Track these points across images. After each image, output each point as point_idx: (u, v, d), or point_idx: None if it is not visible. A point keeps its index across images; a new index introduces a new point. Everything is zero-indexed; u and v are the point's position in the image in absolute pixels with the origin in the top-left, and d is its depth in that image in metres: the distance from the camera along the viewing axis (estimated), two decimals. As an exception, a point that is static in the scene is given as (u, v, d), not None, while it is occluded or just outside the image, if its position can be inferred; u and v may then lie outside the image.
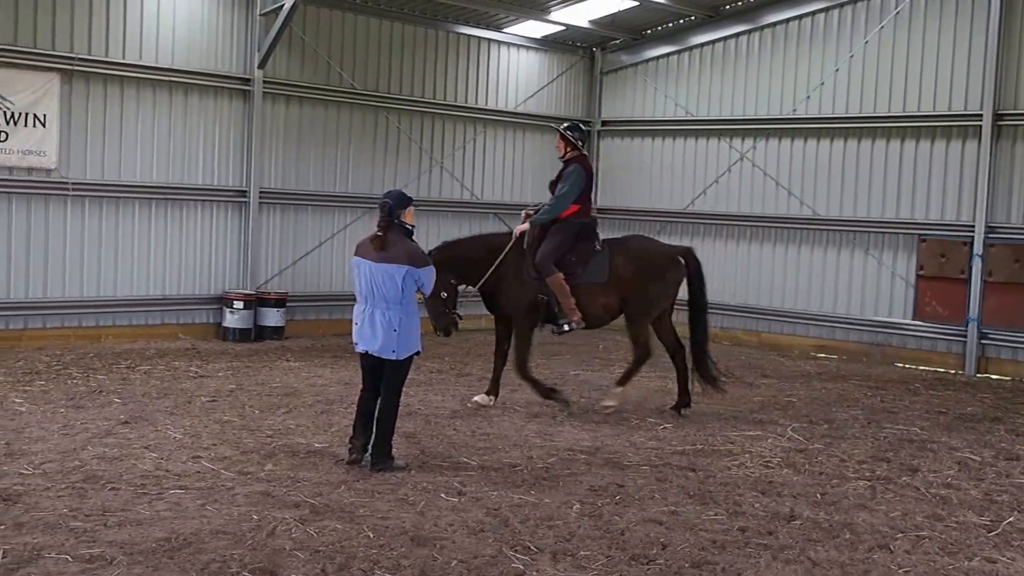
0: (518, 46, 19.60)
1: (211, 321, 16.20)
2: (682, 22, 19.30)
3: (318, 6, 16.81)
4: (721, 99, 18.95)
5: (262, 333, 16.13)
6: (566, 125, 11.69)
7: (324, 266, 17.41)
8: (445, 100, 18.65)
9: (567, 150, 11.51)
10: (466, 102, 18.95)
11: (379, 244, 8.44)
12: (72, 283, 14.83)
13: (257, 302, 16.17)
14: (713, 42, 18.97)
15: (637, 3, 17.80)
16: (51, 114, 14.39)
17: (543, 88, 20.03)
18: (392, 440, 8.62)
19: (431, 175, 18.64)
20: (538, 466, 8.87)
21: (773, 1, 18.06)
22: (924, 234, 16.43)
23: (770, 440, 10.32)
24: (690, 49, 19.31)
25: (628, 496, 8.03)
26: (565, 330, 11.27)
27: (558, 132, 11.63)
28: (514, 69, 19.64)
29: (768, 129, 18.29)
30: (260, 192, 16.42)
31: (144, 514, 7.04)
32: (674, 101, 19.57)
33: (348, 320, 8.86)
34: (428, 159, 18.56)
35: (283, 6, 15.42)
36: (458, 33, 18.70)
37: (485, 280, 11.27)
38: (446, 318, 10.97)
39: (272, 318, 16.27)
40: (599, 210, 20.59)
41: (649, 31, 19.77)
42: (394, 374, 8.57)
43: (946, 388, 14.33)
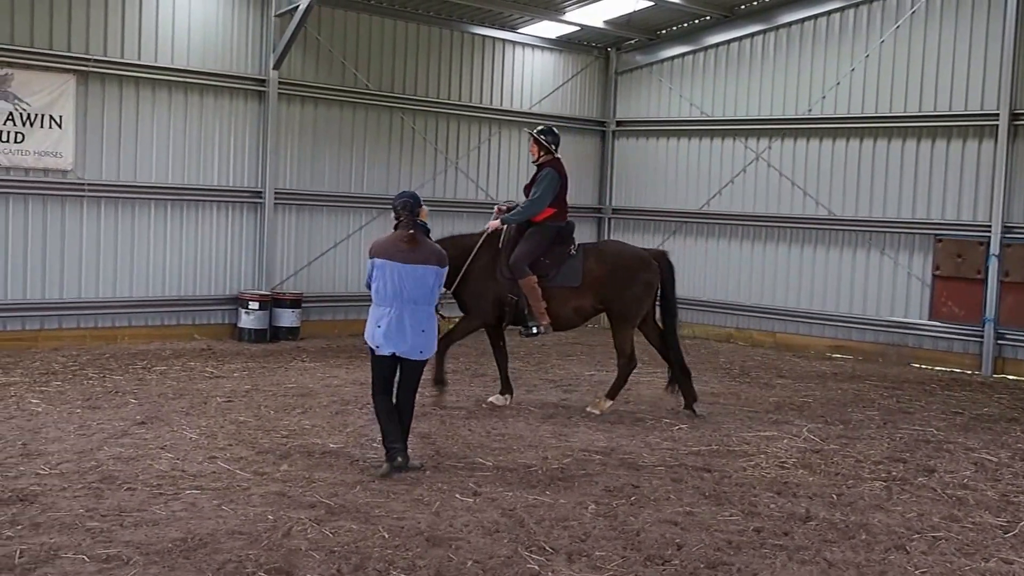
0: (533, 46, 19.60)
1: (226, 322, 16.26)
2: (697, 22, 19.27)
3: (333, 7, 16.85)
4: (736, 99, 18.91)
5: (277, 334, 16.19)
6: (539, 129, 11.64)
7: (339, 267, 17.44)
8: (460, 100, 18.67)
9: (540, 154, 11.48)
10: (481, 102, 18.97)
11: (413, 244, 8.43)
12: (88, 284, 14.90)
13: (272, 303, 16.22)
14: (728, 42, 18.94)
15: (652, 3, 17.79)
16: (67, 115, 14.45)
17: (558, 88, 20.03)
18: (407, 440, 8.64)
19: (446, 175, 18.67)
20: (553, 467, 8.87)
21: (788, 1, 18.01)
22: (940, 234, 16.37)
23: (786, 441, 10.30)
24: (705, 49, 19.28)
25: (643, 497, 8.01)
26: (533, 332, 11.26)
27: (531, 136, 11.58)
28: (529, 69, 19.65)
29: (784, 129, 18.25)
30: (275, 193, 16.46)
31: (160, 514, 7.06)
32: (689, 101, 19.54)
33: (363, 320, 8.83)
34: (443, 159, 18.59)
35: (298, 7, 15.45)
36: (473, 34, 18.72)
37: (457, 282, 11.33)
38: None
39: (287, 319, 16.32)
40: (615, 211, 20.64)
41: (664, 31, 19.74)
42: (415, 374, 8.58)
43: (962, 389, 14.27)
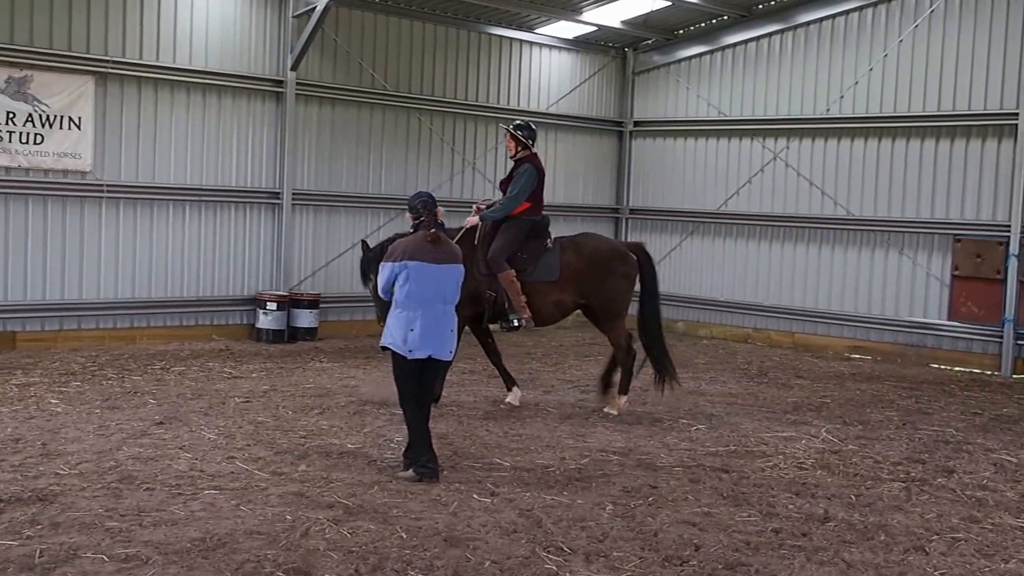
0: (550, 47, 19.59)
1: (245, 322, 16.30)
2: (715, 22, 19.22)
3: (350, 8, 16.88)
4: (754, 99, 18.85)
5: (295, 334, 16.20)
6: (516, 124, 11.65)
7: (357, 267, 17.32)
8: (477, 101, 18.68)
9: (518, 149, 11.48)
10: (498, 103, 18.96)
11: (438, 243, 8.41)
12: (107, 284, 14.97)
13: (290, 303, 16.25)
14: (746, 42, 18.88)
15: (669, 3, 17.76)
16: (86, 117, 14.52)
17: (575, 89, 20.02)
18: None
19: (463, 176, 18.68)
20: (571, 467, 8.86)
21: (806, 0, 17.96)
22: (959, 234, 16.28)
23: (804, 441, 10.26)
24: (723, 49, 19.23)
25: (661, 497, 8.00)
26: (515, 326, 11.31)
27: (507, 131, 11.60)
28: (546, 70, 19.64)
29: (801, 129, 18.17)
30: (293, 193, 16.50)
31: (179, 514, 7.08)
32: (707, 101, 19.49)
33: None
34: (460, 160, 18.60)
35: (315, 8, 15.50)
36: (490, 34, 18.72)
37: None
38: None
39: (305, 319, 16.34)
40: (632, 211, 20.61)
41: (681, 31, 19.70)
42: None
43: (982, 389, 14.19)
